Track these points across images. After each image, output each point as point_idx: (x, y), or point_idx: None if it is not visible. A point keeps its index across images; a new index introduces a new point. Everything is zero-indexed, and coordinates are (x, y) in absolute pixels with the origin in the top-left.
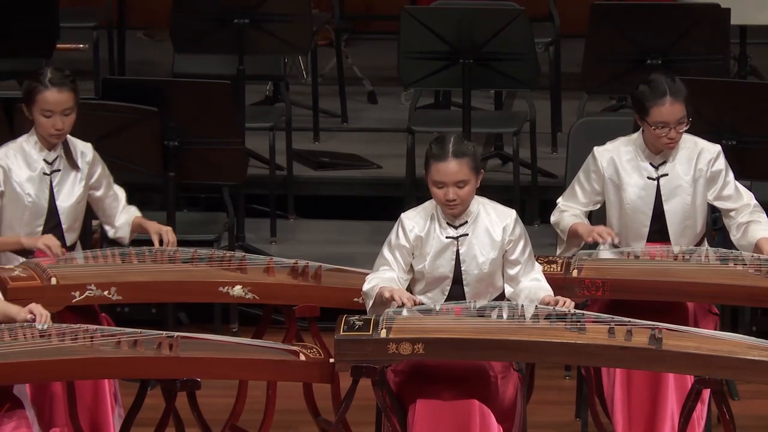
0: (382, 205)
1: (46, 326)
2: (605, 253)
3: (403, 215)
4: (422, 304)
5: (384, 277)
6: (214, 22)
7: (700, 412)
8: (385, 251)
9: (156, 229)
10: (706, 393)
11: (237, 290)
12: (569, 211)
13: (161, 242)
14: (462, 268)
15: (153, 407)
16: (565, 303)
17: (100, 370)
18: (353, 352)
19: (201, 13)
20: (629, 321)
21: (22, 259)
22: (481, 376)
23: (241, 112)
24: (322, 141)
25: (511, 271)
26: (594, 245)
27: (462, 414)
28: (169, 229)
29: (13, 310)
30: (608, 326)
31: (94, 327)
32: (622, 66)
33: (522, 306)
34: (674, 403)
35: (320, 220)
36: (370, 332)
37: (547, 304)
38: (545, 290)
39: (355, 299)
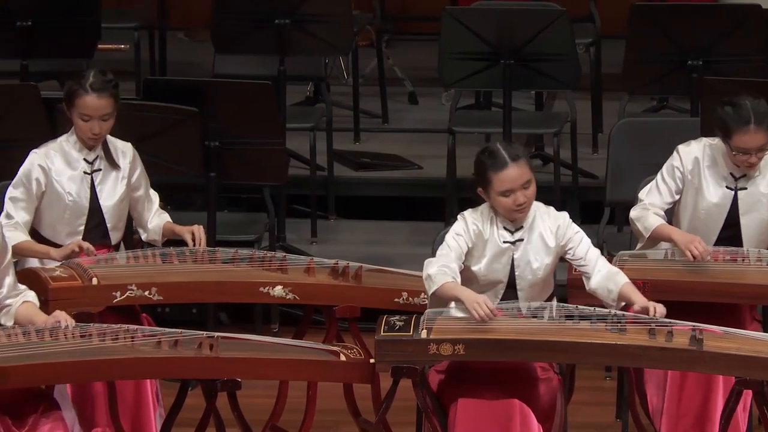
0: (423, 205)
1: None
2: (650, 253)
3: (465, 213)
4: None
5: (450, 266)
6: (255, 23)
7: (742, 414)
8: (449, 238)
9: (187, 229)
10: (748, 394)
11: (278, 290)
12: (653, 209)
13: (194, 241)
14: (516, 273)
15: (194, 407)
16: (656, 310)
17: (141, 370)
18: (394, 352)
19: (242, 14)
20: (670, 322)
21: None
22: (523, 376)
23: (281, 113)
24: (363, 141)
25: (582, 268)
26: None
27: (503, 413)
28: (199, 226)
29: (40, 320)
30: (649, 327)
31: (135, 327)
32: (663, 67)
33: (555, 306)
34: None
35: (361, 220)
36: (411, 333)
37: (637, 312)
38: (622, 277)
39: (396, 299)
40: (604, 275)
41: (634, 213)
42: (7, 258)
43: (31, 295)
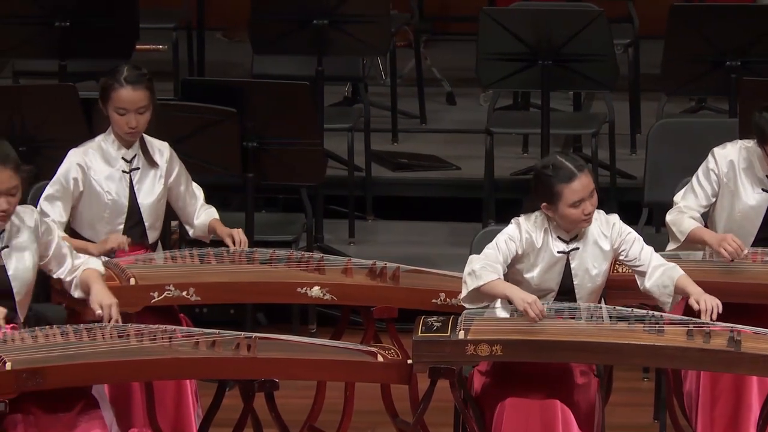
0: (461, 206)
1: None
2: (684, 254)
3: (520, 219)
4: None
5: (495, 266)
6: (293, 23)
7: None
8: (500, 240)
9: (228, 232)
10: None
11: (315, 291)
12: (688, 213)
13: (234, 243)
14: (575, 282)
15: (231, 408)
16: (713, 308)
17: (178, 370)
18: (431, 353)
19: (280, 14)
20: (708, 323)
21: (104, 259)
22: (563, 378)
23: (319, 113)
24: (401, 142)
25: (638, 268)
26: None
27: (546, 415)
28: (240, 230)
29: (94, 288)
30: (687, 328)
31: (173, 327)
32: (702, 67)
33: (601, 308)
34: (758, 407)
35: (398, 221)
36: (448, 333)
37: (695, 309)
38: (677, 270)
39: (433, 300)
40: (659, 272)
41: (669, 217)
42: (55, 239)
43: (93, 263)
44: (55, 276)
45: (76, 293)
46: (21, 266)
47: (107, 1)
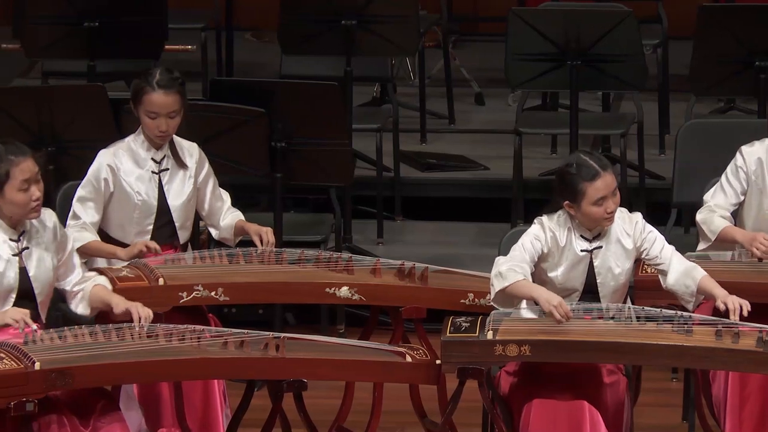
0: (489, 206)
1: (137, 328)
2: (714, 255)
3: (543, 218)
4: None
5: (521, 266)
6: (322, 24)
7: None
8: (525, 240)
9: (256, 230)
10: None
11: (344, 291)
12: (718, 212)
13: (262, 242)
14: (598, 281)
15: (260, 408)
16: (740, 306)
17: (207, 370)
18: (460, 353)
19: (309, 15)
20: (736, 323)
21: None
22: (591, 378)
23: (348, 114)
24: (429, 142)
25: (660, 267)
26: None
27: (574, 415)
28: (269, 229)
29: (114, 299)
30: (715, 329)
31: (201, 327)
32: (731, 68)
33: (629, 308)
34: None
35: (427, 221)
36: (477, 334)
37: (722, 311)
38: (699, 271)
39: (462, 300)
40: (681, 272)
41: (699, 216)
42: (68, 247)
43: (102, 279)
44: (59, 285)
45: (80, 308)
46: (42, 267)
47: (136, 2)
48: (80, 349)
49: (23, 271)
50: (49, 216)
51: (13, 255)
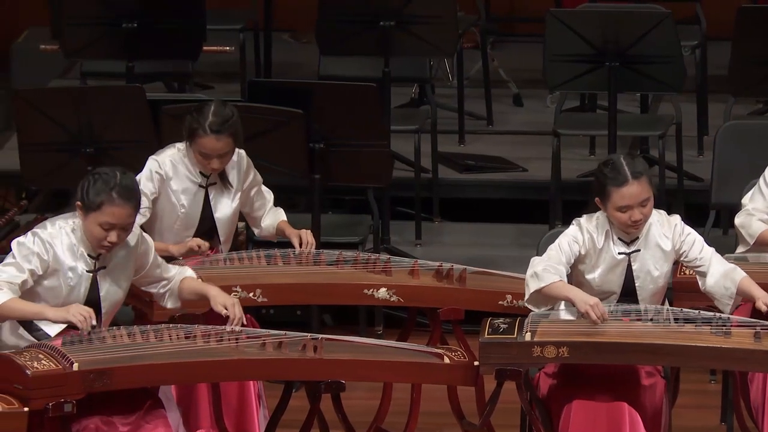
0: (527, 208)
1: (237, 329)
2: (752, 256)
3: (581, 220)
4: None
5: (557, 268)
6: (360, 25)
7: None
8: (562, 241)
9: (296, 232)
10: None
11: (382, 293)
12: (757, 215)
13: (301, 244)
14: (636, 284)
15: (298, 409)
16: None
17: (245, 371)
18: (498, 355)
19: (347, 16)
20: None
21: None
22: (630, 380)
23: (386, 115)
24: (468, 143)
25: (699, 269)
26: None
27: (614, 417)
28: (308, 231)
29: (212, 291)
30: (754, 330)
31: (239, 328)
32: None
33: (668, 309)
34: None
35: (465, 222)
36: (515, 335)
37: (763, 311)
38: (739, 272)
39: (500, 302)
40: (721, 273)
41: (738, 220)
42: (150, 257)
43: (189, 272)
44: (145, 288)
45: (170, 303)
46: (113, 289)
47: (175, 3)
48: (118, 350)
49: (95, 290)
50: (132, 234)
51: (88, 271)
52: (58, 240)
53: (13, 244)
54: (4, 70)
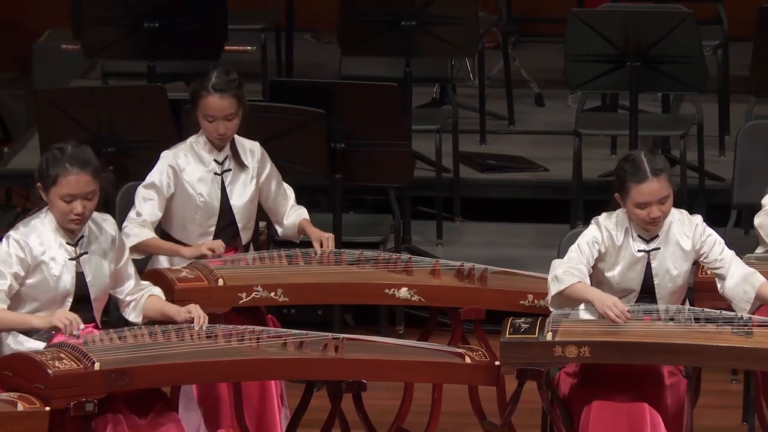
0: (549, 207)
1: (202, 328)
2: None
3: (600, 218)
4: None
5: (578, 268)
6: (382, 25)
7: None
8: (582, 242)
9: (318, 236)
10: None
11: (403, 292)
12: None
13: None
14: (655, 282)
15: (319, 408)
16: None
17: (266, 371)
18: (519, 354)
19: (368, 16)
20: None
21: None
22: (652, 380)
23: (407, 114)
24: (489, 143)
25: (718, 271)
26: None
27: (634, 417)
28: (331, 236)
29: (173, 310)
30: None
31: (260, 328)
32: None
33: (689, 309)
34: None
35: (486, 222)
36: (536, 335)
37: None
38: (758, 277)
39: (521, 302)
40: (740, 276)
41: (757, 220)
42: (125, 256)
43: (156, 290)
44: (113, 292)
45: (132, 316)
46: (99, 272)
47: (196, 3)
48: (140, 350)
49: (80, 276)
50: (110, 224)
51: (70, 259)
52: (33, 235)
53: None
54: (26, 70)
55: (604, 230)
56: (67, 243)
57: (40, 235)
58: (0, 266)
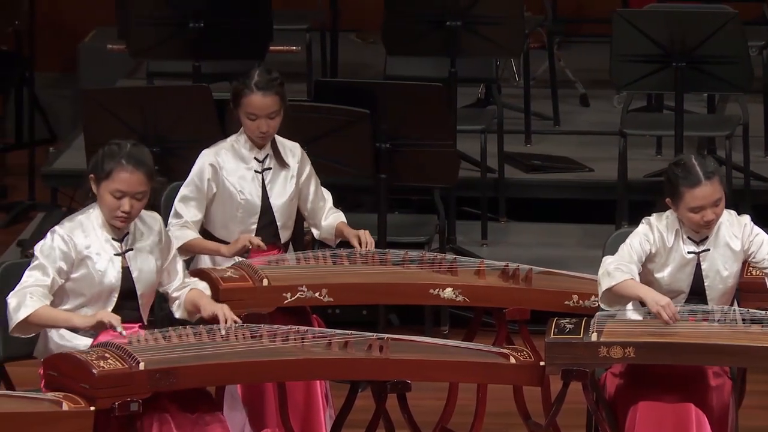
0: (594, 208)
1: (224, 331)
2: None
3: (651, 219)
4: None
5: (629, 266)
6: (427, 25)
7: None
8: (633, 240)
9: (354, 233)
10: None
11: (448, 292)
12: None
13: (360, 244)
14: (706, 284)
15: (363, 409)
16: None
17: (311, 371)
18: (564, 355)
19: (413, 16)
20: None
21: (237, 259)
22: (697, 381)
23: (452, 115)
24: (534, 144)
25: (766, 269)
26: None
27: (680, 418)
28: (366, 231)
29: (203, 301)
30: None
31: (305, 328)
32: None
33: (735, 310)
34: None
35: (531, 222)
36: (581, 335)
37: None
38: None
39: (566, 302)
40: None
41: None
42: (172, 252)
43: (201, 285)
44: (162, 289)
45: (178, 313)
46: (145, 268)
47: (241, 3)
48: (184, 350)
49: (126, 272)
50: (155, 220)
51: (116, 255)
52: (78, 231)
53: (36, 248)
54: (71, 70)
55: (655, 231)
56: (113, 239)
57: (85, 230)
58: (44, 261)
